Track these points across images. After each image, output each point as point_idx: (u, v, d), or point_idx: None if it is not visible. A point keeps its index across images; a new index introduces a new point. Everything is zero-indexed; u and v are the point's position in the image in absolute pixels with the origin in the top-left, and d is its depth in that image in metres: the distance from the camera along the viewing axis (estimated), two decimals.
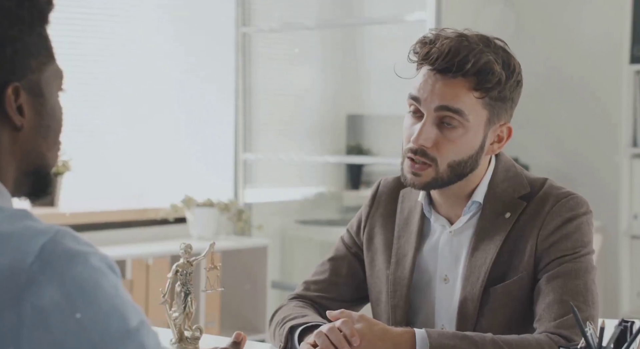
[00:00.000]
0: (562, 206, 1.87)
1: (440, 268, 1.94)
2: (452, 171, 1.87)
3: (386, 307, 1.96)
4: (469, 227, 1.93)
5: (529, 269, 1.86)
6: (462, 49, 1.84)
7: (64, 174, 4.05)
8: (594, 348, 1.51)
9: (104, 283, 1.10)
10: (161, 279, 3.80)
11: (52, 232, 1.10)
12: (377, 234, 2.03)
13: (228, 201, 4.36)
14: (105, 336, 1.08)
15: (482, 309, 1.86)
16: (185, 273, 1.96)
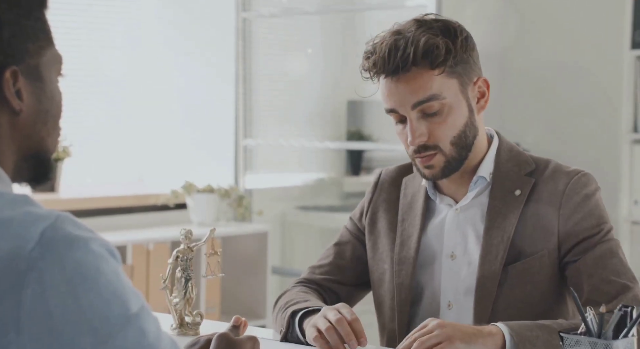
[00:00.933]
0: (576, 183, 1.90)
1: (447, 245, 1.96)
2: (458, 148, 1.90)
3: (390, 286, 1.98)
4: (476, 204, 1.95)
5: (550, 247, 1.88)
6: (399, 43, 1.86)
7: (64, 160, 4.04)
8: (594, 333, 1.51)
9: (104, 268, 1.09)
10: (162, 265, 3.81)
11: (53, 218, 1.10)
12: (380, 218, 2.05)
13: (228, 187, 4.36)
14: (105, 322, 1.08)
15: (500, 287, 1.88)
16: (186, 259, 1.97)
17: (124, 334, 1.08)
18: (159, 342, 1.11)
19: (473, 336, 1.70)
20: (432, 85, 1.86)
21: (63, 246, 1.08)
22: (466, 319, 1.90)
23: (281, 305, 1.98)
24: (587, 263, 1.86)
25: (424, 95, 1.86)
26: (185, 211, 4.28)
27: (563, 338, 1.52)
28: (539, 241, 1.88)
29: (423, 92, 1.86)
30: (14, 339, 1.06)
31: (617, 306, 1.78)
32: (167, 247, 3.95)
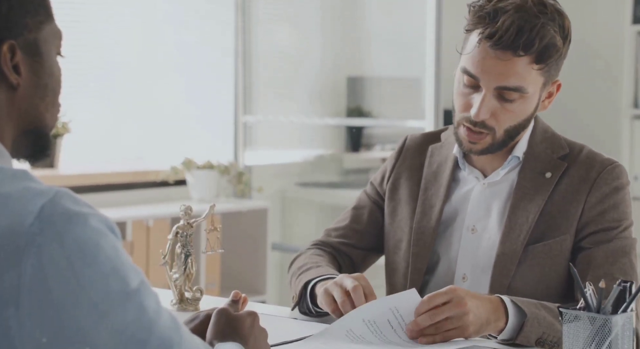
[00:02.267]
0: (609, 173, 1.91)
1: (469, 218, 1.96)
2: (507, 135, 1.90)
3: (406, 255, 1.98)
4: (505, 181, 1.95)
5: (571, 231, 1.89)
6: (525, 26, 1.82)
7: (63, 136, 4.04)
8: (593, 309, 1.51)
9: (103, 244, 1.09)
10: (161, 241, 3.81)
11: (52, 194, 1.10)
12: (402, 185, 2.04)
13: (228, 163, 4.35)
14: (105, 297, 1.08)
15: (519, 266, 1.88)
16: (186, 235, 1.97)
17: (124, 309, 1.08)
18: (159, 317, 1.11)
19: (486, 323, 1.70)
20: (525, 77, 1.85)
21: (62, 221, 1.08)
22: (480, 293, 1.90)
23: (294, 270, 1.99)
24: (598, 255, 1.87)
25: (514, 83, 1.85)
26: (185, 188, 4.28)
27: (562, 313, 1.53)
28: (562, 224, 1.89)
29: (515, 80, 1.84)
30: (14, 313, 1.06)
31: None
32: (167, 224, 3.96)
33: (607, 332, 1.48)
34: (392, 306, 1.71)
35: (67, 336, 1.07)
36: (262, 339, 1.40)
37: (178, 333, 1.13)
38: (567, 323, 1.52)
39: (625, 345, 1.49)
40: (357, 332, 1.69)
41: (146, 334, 1.09)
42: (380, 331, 1.70)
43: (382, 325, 1.70)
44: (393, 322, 1.70)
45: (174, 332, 1.12)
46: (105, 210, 3.94)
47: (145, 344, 1.09)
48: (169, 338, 1.11)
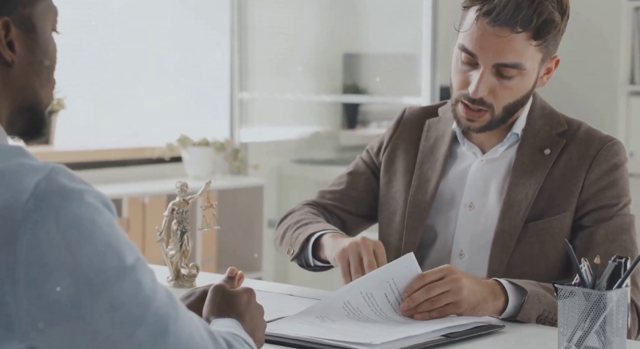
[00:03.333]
0: (608, 150, 1.91)
1: (467, 194, 1.96)
2: (506, 112, 1.90)
3: (399, 227, 1.98)
4: (503, 158, 1.95)
5: (571, 208, 1.89)
6: (523, 3, 1.81)
7: (58, 113, 4.03)
8: (588, 284, 1.52)
9: (99, 220, 1.09)
10: (157, 218, 3.80)
11: (47, 170, 1.09)
12: (398, 158, 2.04)
13: (224, 140, 4.35)
14: (101, 274, 1.08)
15: (518, 243, 1.89)
16: (182, 212, 1.97)
17: (120, 285, 1.08)
18: (155, 293, 1.11)
19: (483, 301, 1.71)
20: (523, 54, 1.84)
21: (58, 198, 1.08)
22: (476, 270, 1.91)
23: (290, 224, 1.98)
24: (598, 233, 1.87)
25: (512, 60, 1.84)
26: (181, 165, 4.28)
27: (557, 289, 1.53)
28: (562, 201, 1.89)
29: (513, 57, 1.84)
30: (10, 290, 1.06)
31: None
32: (163, 201, 3.96)
33: (602, 307, 1.49)
34: (389, 278, 1.71)
35: (63, 313, 1.07)
36: (258, 316, 1.40)
37: (174, 309, 1.13)
38: (562, 299, 1.53)
39: (620, 320, 1.50)
40: (354, 304, 1.70)
41: (142, 310, 1.09)
42: (377, 305, 1.70)
43: (379, 298, 1.71)
44: (390, 295, 1.71)
45: (170, 308, 1.12)
46: (101, 187, 3.94)
47: (141, 321, 1.09)
48: (165, 314, 1.11)
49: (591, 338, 1.50)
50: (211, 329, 1.18)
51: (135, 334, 1.09)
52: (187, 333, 1.13)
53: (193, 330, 1.14)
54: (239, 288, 1.41)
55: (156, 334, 1.10)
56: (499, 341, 1.64)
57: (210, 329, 1.18)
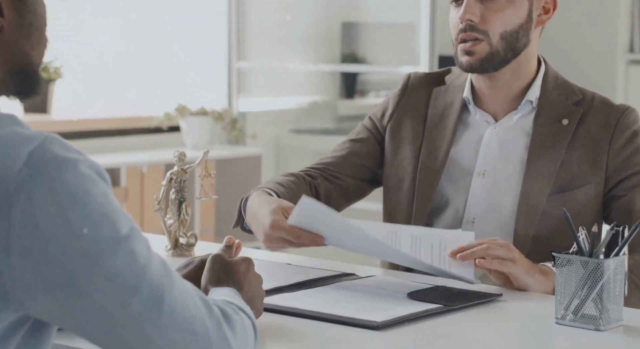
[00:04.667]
0: (627, 118, 1.91)
1: (480, 163, 1.95)
2: (506, 43, 1.88)
3: (408, 194, 1.97)
4: (518, 127, 1.94)
5: (596, 181, 1.89)
6: None
7: (56, 82, 4.02)
8: (586, 253, 1.52)
9: (93, 190, 1.09)
10: (155, 187, 3.80)
11: (40, 139, 1.09)
12: (405, 125, 2.02)
13: (222, 109, 4.34)
14: (96, 244, 1.08)
15: (543, 217, 1.88)
16: (180, 181, 1.97)
17: (114, 256, 1.08)
18: (149, 263, 1.11)
19: (533, 270, 1.71)
20: None
21: (52, 168, 1.07)
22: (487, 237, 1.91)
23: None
24: (636, 199, 1.87)
25: None
26: (179, 134, 4.27)
27: (555, 257, 1.54)
28: (586, 173, 1.89)
29: None
30: (4, 260, 1.06)
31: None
32: (161, 170, 3.96)
33: (599, 276, 1.49)
34: (442, 237, 1.75)
35: (57, 283, 1.07)
36: (256, 285, 1.40)
37: (169, 279, 1.13)
38: (559, 267, 1.53)
39: (617, 288, 1.50)
40: (400, 239, 1.74)
41: (137, 280, 1.09)
42: (419, 250, 1.74)
43: (425, 247, 1.75)
44: (435, 248, 1.73)
45: (165, 278, 1.12)
46: (99, 156, 3.94)
47: (136, 291, 1.09)
48: (160, 283, 1.11)
49: (588, 306, 1.50)
50: (206, 298, 1.18)
51: (130, 304, 1.09)
52: (182, 302, 1.12)
53: (188, 299, 1.14)
54: (237, 257, 1.41)
55: (151, 303, 1.10)
56: (497, 309, 1.65)
57: (205, 298, 1.18)
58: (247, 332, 1.22)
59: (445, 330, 1.53)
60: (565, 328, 1.52)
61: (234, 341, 1.17)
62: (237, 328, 1.18)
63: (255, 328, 1.26)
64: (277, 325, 1.52)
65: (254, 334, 1.25)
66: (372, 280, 1.78)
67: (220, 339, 1.15)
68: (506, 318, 1.62)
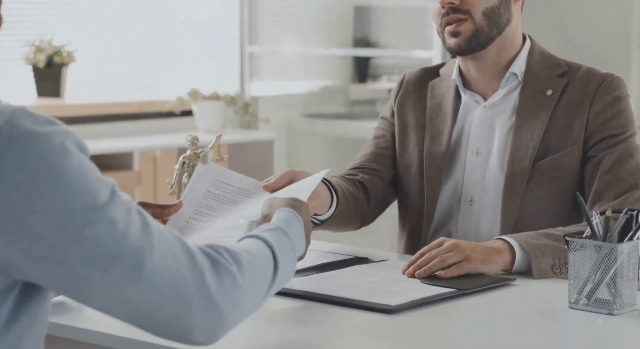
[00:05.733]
0: (609, 83, 1.93)
1: (473, 141, 1.97)
2: (489, 20, 1.90)
3: (417, 179, 1.99)
4: (505, 101, 1.96)
5: (578, 144, 1.91)
6: None
7: (69, 66, 4.02)
8: (599, 237, 1.52)
9: (67, 163, 1.08)
10: (168, 171, 3.82)
11: (8, 114, 1.08)
12: (407, 114, 2.05)
13: (234, 94, 4.34)
14: (73, 216, 1.08)
15: (529, 183, 1.90)
16: (192, 165, 1.97)
17: (93, 226, 1.09)
18: (129, 229, 1.11)
19: (488, 255, 1.71)
20: None
21: (23, 144, 1.07)
22: (487, 216, 1.93)
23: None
24: (605, 160, 1.89)
25: None
26: (191, 118, 4.27)
27: (568, 242, 1.53)
28: (568, 137, 1.91)
29: None
30: None
31: (621, 205, 1.80)
32: (174, 154, 3.96)
33: (613, 260, 1.49)
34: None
35: (38, 256, 1.08)
36: (310, 225, 1.44)
37: (149, 240, 1.12)
38: (573, 252, 1.53)
39: (631, 273, 1.50)
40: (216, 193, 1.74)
41: (117, 247, 1.10)
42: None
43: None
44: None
45: (144, 241, 1.12)
46: (111, 140, 3.95)
47: (116, 258, 1.10)
48: (140, 248, 1.11)
49: (602, 290, 1.50)
50: (191, 251, 1.16)
51: (110, 270, 1.10)
52: (162, 264, 1.12)
53: (169, 259, 1.13)
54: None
55: (131, 268, 1.11)
56: (510, 294, 1.65)
57: (190, 251, 1.16)
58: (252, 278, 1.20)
59: (459, 314, 1.54)
60: (579, 312, 1.52)
61: (219, 294, 1.15)
62: (226, 278, 1.16)
63: (277, 271, 1.26)
64: (290, 309, 1.53)
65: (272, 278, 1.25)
66: (385, 264, 1.78)
67: (201, 295, 1.14)
68: (519, 302, 1.62)
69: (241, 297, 1.18)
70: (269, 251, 1.27)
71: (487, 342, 1.42)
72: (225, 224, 1.66)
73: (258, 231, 1.32)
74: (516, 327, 1.49)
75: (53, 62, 3.97)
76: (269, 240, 1.29)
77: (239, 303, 1.18)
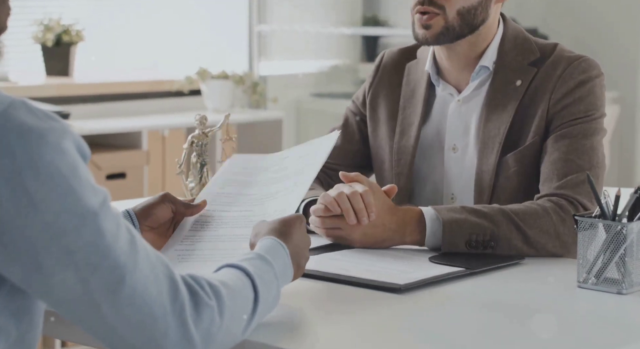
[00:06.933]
0: (574, 68, 1.85)
1: (449, 137, 1.93)
2: (462, 19, 1.85)
3: (389, 175, 1.96)
4: (478, 94, 1.91)
5: (540, 134, 1.85)
6: None
7: (77, 44, 4.02)
8: (609, 216, 1.52)
9: (59, 162, 1.05)
10: (177, 151, 3.82)
11: (5, 105, 1.05)
12: (380, 105, 2.01)
13: (243, 73, 4.33)
14: (58, 218, 1.05)
15: (497, 178, 1.86)
16: (201, 144, 1.97)
17: (78, 231, 1.06)
18: (116, 242, 1.08)
19: (376, 243, 1.71)
20: None
21: (15, 136, 1.04)
22: None
23: None
24: (555, 141, 1.82)
25: None
26: (200, 98, 4.27)
27: (577, 221, 1.53)
28: (532, 128, 1.85)
29: None
30: None
31: (562, 188, 1.76)
32: (182, 133, 3.96)
33: (622, 239, 1.49)
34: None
35: (17, 253, 1.05)
36: (303, 245, 1.40)
37: (134, 259, 1.09)
38: (582, 231, 1.52)
39: None
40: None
41: (99, 258, 1.07)
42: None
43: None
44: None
45: (129, 258, 1.09)
46: (120, 119, 3.95)
47: (96, 268, 1.07)
48: (123, 264, 1.08)
49: (611, 270, 1.50)
50: (175, 278, 1.13)
51: (88, 281, 1.07)
52: (143, 284, 1.09)
53: (150, 281, 1.10)
54: (293, 215, 1.42)
55: (110, 283, 1.08)
56: (518, 273, 1.65)
57: (174, 278, 1.12)
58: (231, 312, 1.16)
59: (467, 293, 1.54)
60: (587, 291, 1.52)
61: (196, 327, 1.12)
62: (204, 313, 1.13)
63: (257, 302, 1.22)
64: (300, 288, 1.53)
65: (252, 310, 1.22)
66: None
67: (178, 324, 1.11)
68: (528, 281, 1.62)
69: (219, 333, 1.15)
70: (249, 282, 1.23)
71: (496, 321, 1.42)
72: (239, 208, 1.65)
73: (239, 260, 1.27)
74: (525, 306, 1.48)
75: (61, 41, 3.97)
76: (249, 270, 1.24)
77: (215, 339, 1.14)
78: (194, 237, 1.60)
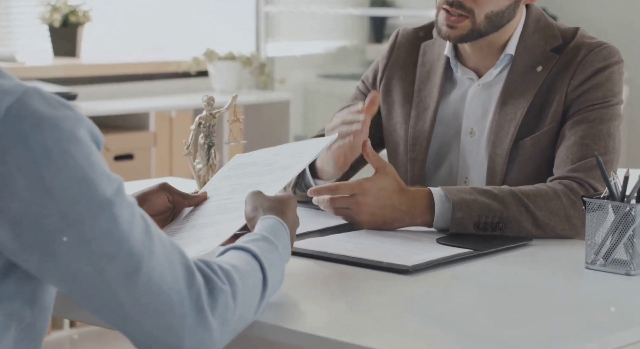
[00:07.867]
0: (595, 55, 1.85)
1: (467, 121, 1.92)
2: (489, 22, 1.83)
3: (404, 159, 1.95)
4: (499, 81, 1.90)
5: (557, 119, 1.85)
6: None
7: (84, 25, 4.01)
8: (617, 197, 1.51)
9: (73, 150, 1.04)
10: (184, 132, 3.82)
11: (20, 93, 1.04)
12: (395, 87, 1.99)
13: (250, 54, 4.32)
14: (74, 206, 1.04)
15: (511, 163, 1.85)
16: (209, 125, 1.97)
17: (94, 220, 1.05)
18: (131, 231, 1.08)
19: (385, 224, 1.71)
20: None
21: (29, 125, 1.03)
22: None
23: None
24: (571, 127, 1.82)
25: None
26: (207, 79, 4.27)
27: (585, 202, 1.53)
28: (549, 114, 1.84)
29: None
30: None
31: (575, 171, 1.75)
32: (190, 115, 3.96)
33: (631, 220, 1.49)
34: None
35: (32, 242, 1.05)
36: (294, 225, 1.41)
37: (149, 246, 1.09)
38: (590, 212, 1.52)
39: None
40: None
41: (115, 247, 1.06)
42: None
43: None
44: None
45: (145, 246, 1.09)
46: (127, 100, 3.95)
47: (112, 258, 1.06)
48: (139, 252, 1.08)
49: (619, 251, 1.50)
50: (191, 265, 1.13)
51: (105, 269, 1.06)
52: (159, 272, 1.09)
53: (167, 269, 1.10)
54: (285, 194, 1.42)
55: (127, 272, 1.07)
56: (526, 254, 1.65)
57: (190, 265, 1.13)
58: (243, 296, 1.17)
59: (475, 275, 1.54)
60: (595, 272, 1.52)
61: (212, 313, 1.12)
62: (220, 298, 1.13)
63: (266, 284, 1.23)
64: (307, 269, 1.53)
65: (261, 292, 1.22)
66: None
67: (195, 311, 1.11)
68: (536, 262, 1.62)
69: (233, 317, 1.15)
70: (257, 265, 1.23)
71: (503, 302, 1.42)
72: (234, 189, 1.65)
73: (244, 242, 1.27)
74: (533, 287, 1.48)
75: (69, 22, 3.96)
76: (256, 252, 1.24)
77: (230, 323, 1.15)
78: (178, 228, 1.59)
